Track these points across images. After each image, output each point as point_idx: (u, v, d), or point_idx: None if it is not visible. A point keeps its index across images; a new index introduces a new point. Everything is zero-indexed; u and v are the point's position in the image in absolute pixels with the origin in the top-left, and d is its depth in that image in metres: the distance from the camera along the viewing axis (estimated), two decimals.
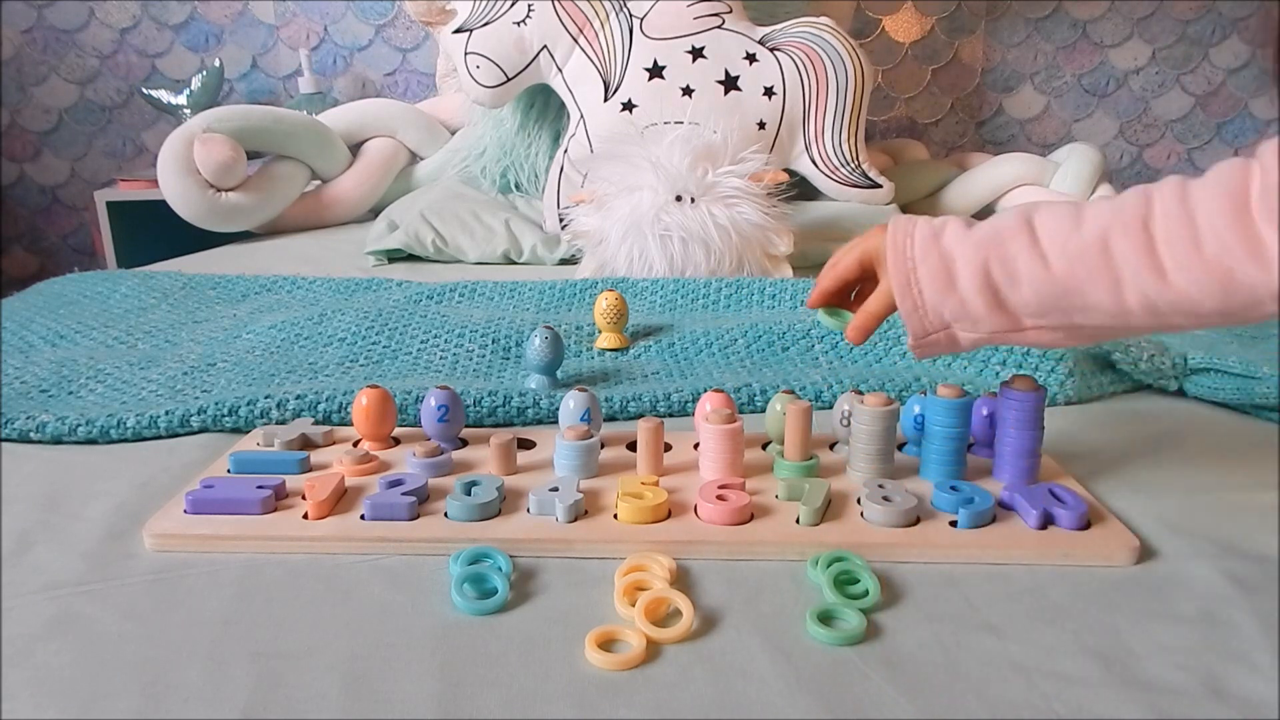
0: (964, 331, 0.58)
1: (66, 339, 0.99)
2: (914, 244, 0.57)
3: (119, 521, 0.60)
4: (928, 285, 0.56)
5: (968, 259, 0.55)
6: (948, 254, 0.56)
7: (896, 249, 0.58)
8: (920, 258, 0.57)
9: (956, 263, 0.55)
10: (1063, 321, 0.55)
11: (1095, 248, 0.52)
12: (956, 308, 0.56)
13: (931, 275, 0.56)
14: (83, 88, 2.19)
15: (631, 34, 1.48)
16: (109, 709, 0.42)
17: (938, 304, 0.57)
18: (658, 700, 0.42)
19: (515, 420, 0.78)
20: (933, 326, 0.58)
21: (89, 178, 2.24)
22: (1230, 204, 0.48)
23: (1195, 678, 0.44)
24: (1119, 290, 0.52)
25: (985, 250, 0.55)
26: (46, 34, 2.14)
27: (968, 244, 0.55)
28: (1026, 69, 2.20)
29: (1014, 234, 0.54)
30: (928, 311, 0.57)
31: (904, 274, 0.57)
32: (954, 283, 0.56)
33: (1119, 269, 0.51)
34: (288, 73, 2.19)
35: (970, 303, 0.56)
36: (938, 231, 0.57)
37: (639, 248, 1.17)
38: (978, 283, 0.55)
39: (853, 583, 0.51)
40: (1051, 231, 0.53)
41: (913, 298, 0.57)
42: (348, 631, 0.48)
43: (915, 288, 0.57)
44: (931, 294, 0.57)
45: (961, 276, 0.55)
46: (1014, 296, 0.55)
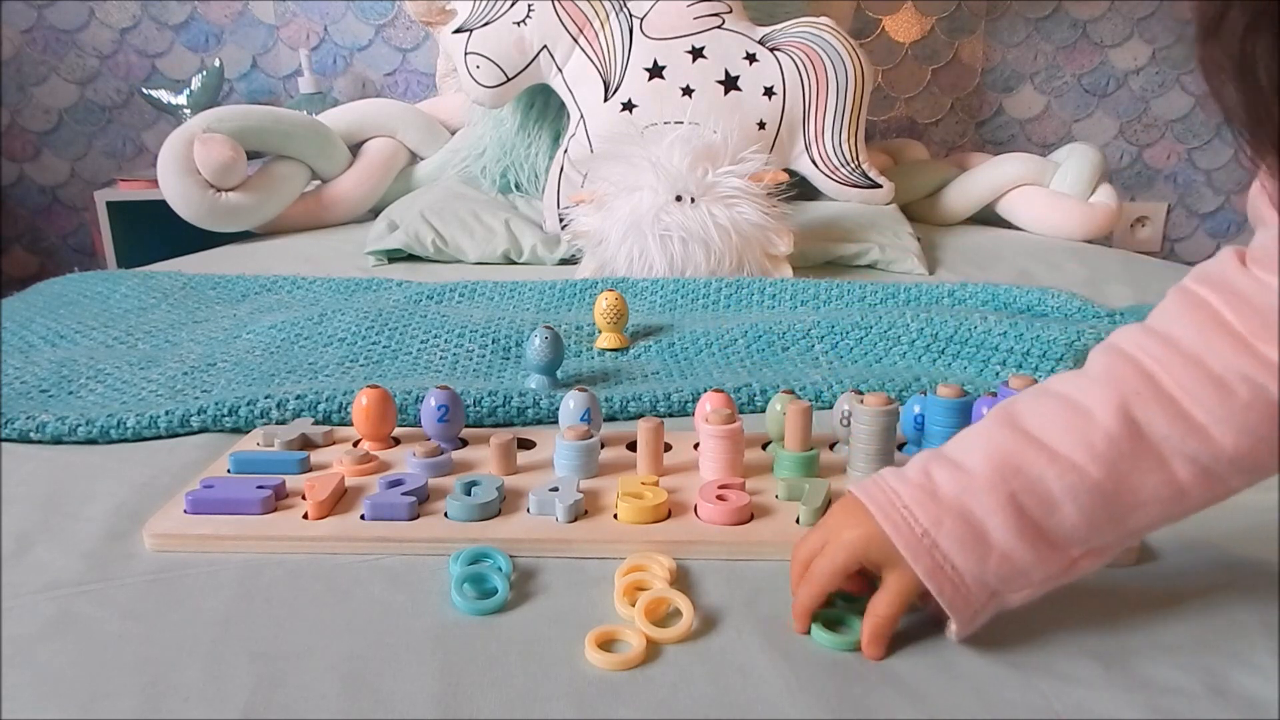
0: (1018, 591, 0.46)
1: (66, 339, 0.99)
2: (916, 517, 0.45)
3: (119, 521, 0.60)
4: (959, 555, 0.44)
5: (988, 507, 0.44)
6: (960, 509, 0.45)
7: (900, 529, 0.45)
8: (933, 526, 0.45)
9: (977, 515, 0.44)
10: (1116, 533, 0.46)
11: (1125, 432, 0.43)
12: (1000, 568, 0.44)
13: (959, 542, 0.44)
14: (83, 88, 2.18)
15: (631, 34, 1.48)
16: (109, 709, 0.42)
17: (979, 573, 0.44)
18: (658, 700, 0.42)
19: (515, 420, 0.78)
20: (979, 602, 0.45)
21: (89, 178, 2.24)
22: (1231, 342, 0.43)
23: (1195, 677, 0.44)
24: (1167, 470, 0.44)
25: (1004, 485, 0.44)
26: (46, 34, 2.14)
27: (977, 488, 0.45)
28: (1026, 69, 2.20)
29: (1024, 452, 0.44)
30: (970, 587, 0.45)
31: (927, 556, 0.45)
32: (986, 541, 0.44)
33: (1158, 446, 0.43)
34: (288, 73, 2.19)
35: (1015, 555, 0.44)
36: (929, 488, 0.46)
37: (639, 248, 1.17)
38: (1014, 528, 0.44)
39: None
40: (1061, 432, 0.44)
41: (949, 579, 0.45)
42: (348, 631, 0.48)
43: (946, 565, 0.44)
44: (967, 564, 0.44)
45: (992, 530, 0.44)
46: (1058, 525, 0.44)
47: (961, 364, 0.87)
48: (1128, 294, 1.18)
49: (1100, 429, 0.44)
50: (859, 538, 0.47)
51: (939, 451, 0.48)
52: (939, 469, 0.46)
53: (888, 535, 0.45)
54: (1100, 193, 1.61)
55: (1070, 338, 0.82)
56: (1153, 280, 1.26)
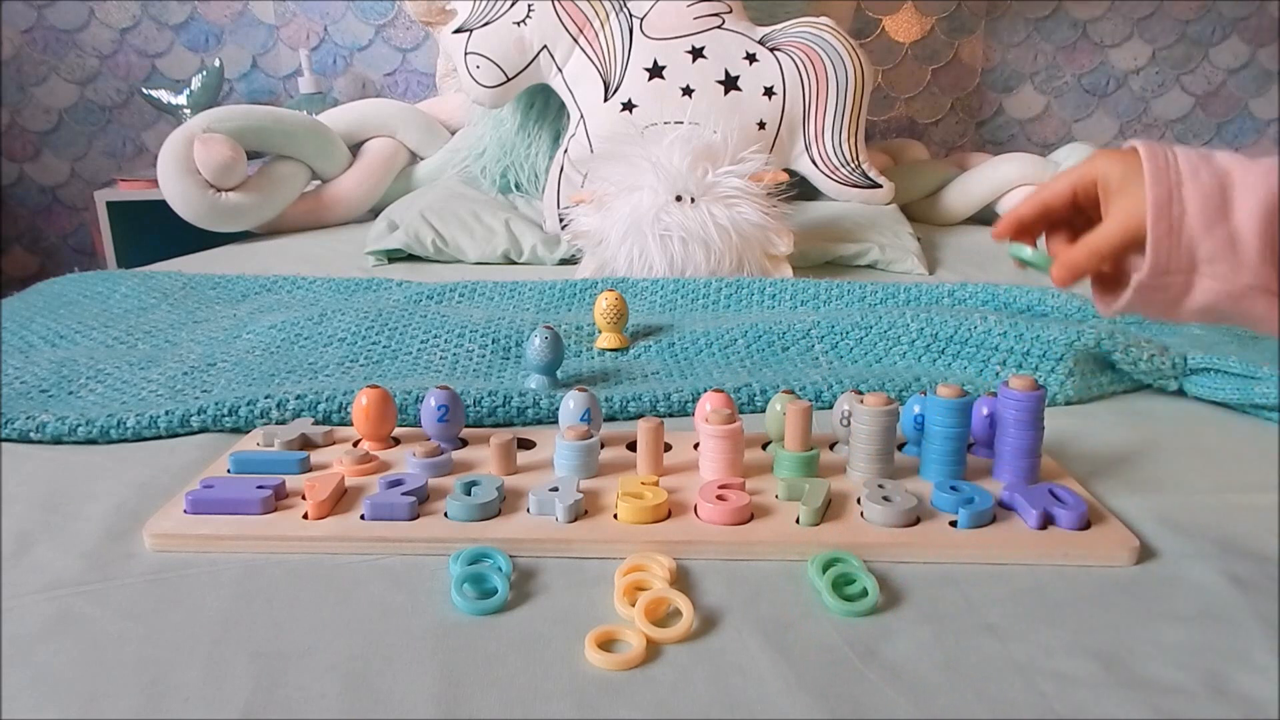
0: (1211, 280, 0.46)
1: (66, 339, 0.99)
2: (1178, 157, 0.46)
3: (119, 521, 0.60)
4: (1195, 208, 0.45)
5: (1250, 185, 0.45)
6: (1224, 174, 0.45)
7: (1155, 159, 0.46)
8: (1189, 174, 0.45)
9: (1235, 188, 0.45)
10: None
11: None
12: (1222, 244, 0.45)
13: (1203, 197, 0.45)
14: (83, 88, 2.19)
15: (631, 34, 1.48)
16: (109, 709, 0.42)
17: (1198, 235, 0.45)
18: (658, 700, 0.42)
19: (515, 420, 0.78)
20: (1178, 264, 0.46)
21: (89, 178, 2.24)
22: None
23: (1195, 677, 0.44)
24: None
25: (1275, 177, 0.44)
26: (46, 34, 2.14)
27: (1252, 168, 0.45)
28: (1026, 69, 2.20)
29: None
30: (1183, 240, 0.45)
31: (1165, 189, 0.45)
32: (1228, 210, 0.45)
33: None
34: (288, 73, 2.19)
35: (1243, 239, 0.44)
36: (1206, 154, 0.47)
37: (639, 248, 1.17)
38: (1260, 215, 0.44)
39: (850, 583, 0.51)
40: None
41: (1171, 218, 0.45)
42: (348, 631, 0.48)
43: (1179, 206, 0.45)
44: (1197, 219, 0.45)
45: (1240, 205, 0.44)
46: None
47: (961, 364, 0.87)
48: None
49: None
50: (1109, 162, 0.48)
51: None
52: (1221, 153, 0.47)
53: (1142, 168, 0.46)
54: None
55: (1070, 338, 0.82)
56: None
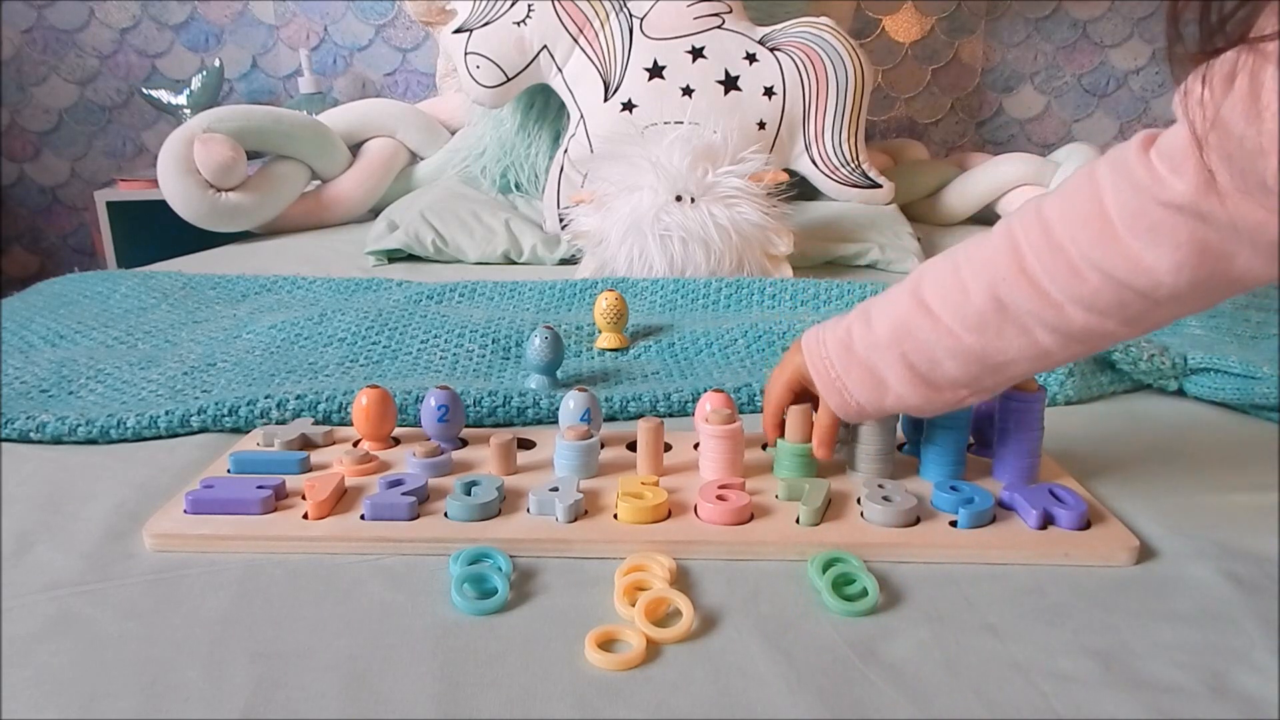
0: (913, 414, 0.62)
1: (66, 339, 0.99)
2: (834, 363, 0.59)
3: (119, 521, 0.60)
4: (863, 396, 0.58)
5: (886, 361, 0.57)
6: (866, 361, 0.58)
7: (820, 374, 0.60)
8: (844, 372, 0.59)
9: (879, 367, 0.57)
10: (994, 379, 0.56)
11: (991, 309, 0.53)
12: (896, 404, 0.58)
13: (863, 386, 0.58)
14: (83, 88, 2.19)
15: (631, 34, 1.48)
16: (109, 709, 0.42)
17: (878, 406, 0.59)
18: (658, 700, 0.42)
19: (515, 420, 0.78)
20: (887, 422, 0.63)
21: (89, 178, 2.24)
22: (1096, 232, 0.49)
23: (1195, 677, 0.44)
24: (1030, 336, 0.53)
25: (898, 345, 0.56)
26: (46, 34, 2.14)
27: (880, 345, 0.57)
28: (1026, 69, 2.20)
29: (917, 319, 0.55)
30: (870, 414, 0.60)
31: (838, 394, 0.59)
32: (884, 385, 0.57)
33: (1021, 319, 0.52)
34: (288, 73, 2.19)
35: (906, 396, 0.57)
36: (847, 342, 0.59)
37: (639, 248, 1.17)
38: (905, 376, 0.56)
39: (850, 583, 0.51)
40: (944, 304, 0.55)
41: (857, 410, 0.60)
42: (348, 631, 0.48)
43: (853, 402, 0.59)
44: (870, 401, 0.59)
45: (889, 378, 0.57)
46: (941, 376, 0.56)
47: None
48: None
49: (973, 305, 0.53)
50: (797, 366, 0.62)
51: (866, 306, 0.59)
52: (857, 326, 0.59)
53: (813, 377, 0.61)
54: None
55: None
56: None
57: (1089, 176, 0.51)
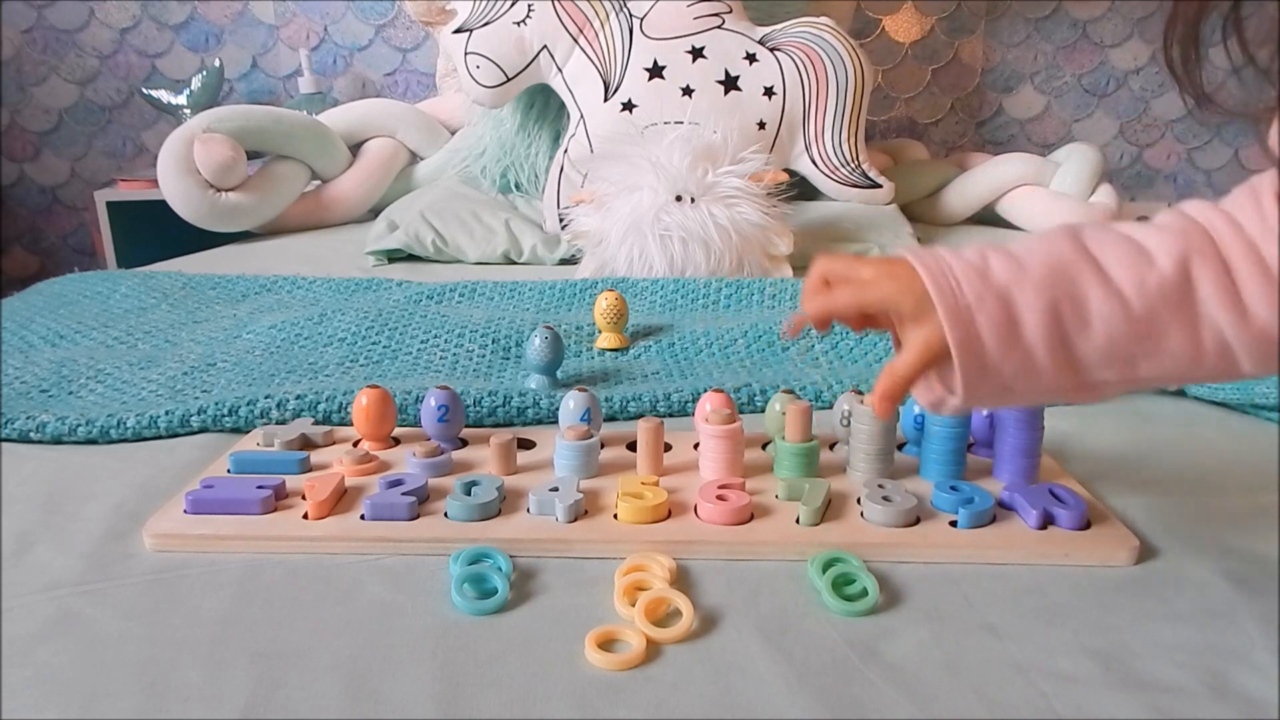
0: (1020, 395, 0.48)
1: (66, 339, 0.99)
2: (961, 285, 0.46)
3: (119, 521, 0.60)
4: (990, 337, 0.45)
5: (1031, 303, 0.45)
6: (1005, 296, 0.45)
7: (945, 294, 0.46)
8: (976, 305, 0.45)
9: (1017, 306, 0.45)
10: (1124, 374, 0.46)
11: (1178, 281, 0.44)
12: (1019, 363, 0.45)
13: (993, 325, 0.45)
14: (83, 88, 2.19)
15: (631, 34, 1.48)
16: (109, 709, 0.42)
17: (999, 359, 0.45)
18: (658, 700, 0.42)
19: (515, 420, 0.78)
20: (990, 389, 0.47)
21: (89, 178, 2.24)
22: None
23: (1196, 676, 0.44)
24: (1197, 330, 0.44)
25: (1051, 288, 0.45)
26: (46, 34, 2.14)
27: (1027, 281, 0.45)
28: (1026, 69, 2.20)
29: (1080, 267, 0.45)
30: (989, 369, 0.46)
31: (963, 328, 0.45)
32: (1018, 332, 0.45)
33: (1200, 308, 0.44)
34: (288, 73, 2.19)
35: (1036, 354, 0.45)
36: (981, 268, 0.46)
37: (639, 248, 1.17)
38: (1045, 330, 0.45)
39: (850, 583, 0.51)
40: (1125, 265, 0.45)
41: (975, 354, 0.45)
42: (348, 631, 0.48)
43: (977, 342, 0.45)
44: (994, 346, 0.45)
45: (1027, 324, 0.45)
46: (1084, 344, 0.45)
47: None
48: None
49: (1157, 271, 0.44)
50: (898, 289, 0.47)
51: (989, 246, 0.48)
52: (995, 256, 0.47)
53: (930, 296, 0.46)
54: (1100, 193, 1.61)
55: None
56: None
57: (1254, 197, 0.45)
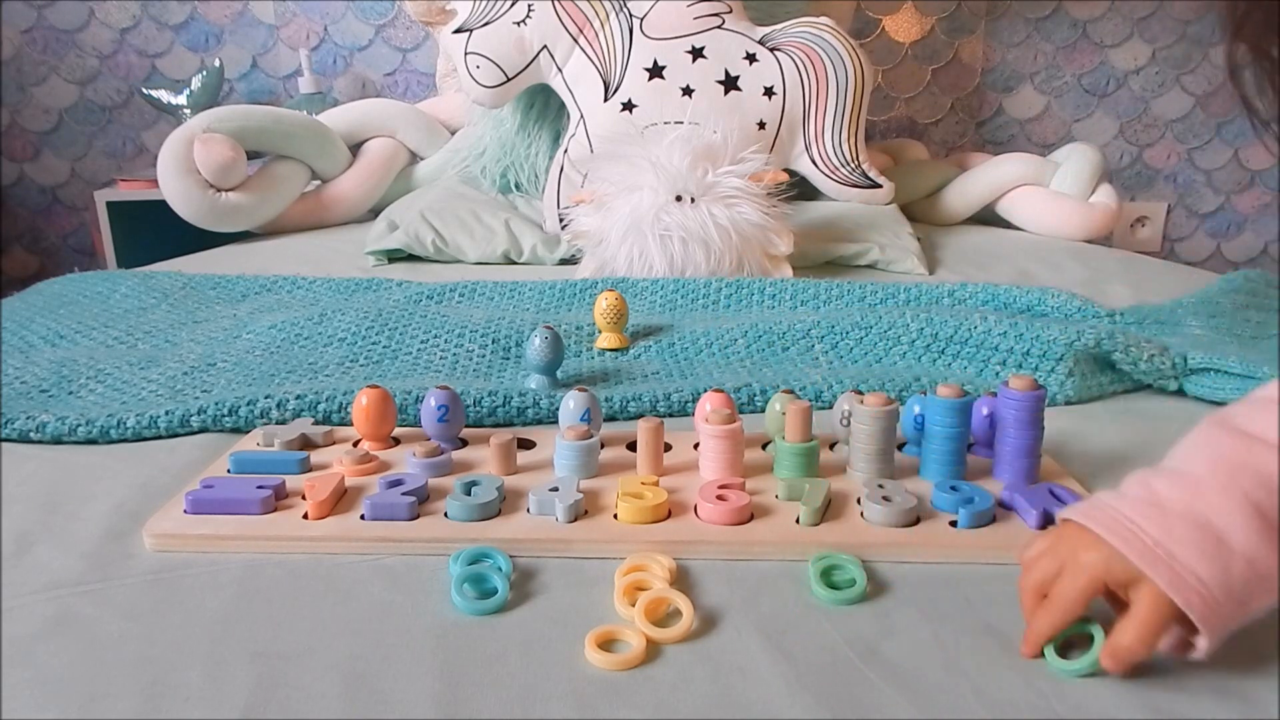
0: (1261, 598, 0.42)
1: (66, 339, 0.99)
2: (1140, 525, 0.43)
3: (119, 521, 0.60)
4: (1200, 563, 0.41)
5: (1223, 507, 0.42)
6: (1192, 514, 0.42)
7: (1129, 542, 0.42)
8: (1164, 536, 0.42)
9: (1212, 517, 0.42)
10: None
11: None
12: (1245, 572, 0.41)
13: (1197, 549, 0.41)
14: (83, 88, 2.18)
15: (631, 34, 1.48)
16: (109, 709, 0.42)
17: (1223, 579, 0.41)
18: (658, 700, 0.42)
19: (515, 420, 0.78)
20: (1229, 613, 0.42)
21: (89, 178, 2.24)
22: None
23: (1195, 676, 0.44)
24: None
25: (1235, 485, 0.42)
26: (46, 34, 2.14)
27: (1207, 490, 0.42)
28: (1026, 69, 2.20)
29: (1249, 450, 0.42)
30: (1217, 596, 0.41)
31: (1165, 568, 0.41)
32: (1227, 543, 0.41)
33: None
34: (288, 73, 2.19)
35: (1258, 556, 0.41)
36: (1153, 499, 0.43)
37: (639, 248, 1.17)
38: (1254, 525, 0.41)
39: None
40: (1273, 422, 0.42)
41: (1194, 590, 0.41)
42: (348, 631, 0.48)
43: (1188, 575, 0.41)
44: (1211, 572, 0.41)
45: (1231, 530, 0.41)
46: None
47: (961, 364, 0.87)
48: (1128, 294, 1.18)
49: None
50: (1099, 559, 0.44)
51: (1155, 468, 0.45)
52: (1158, 480, 0.44)
53: (1121, 552, 0.42)
54: (1100, 193, 1.61)
55: (1070, 338, 0.82)
56: (1153, 280, 1.25)
57: None
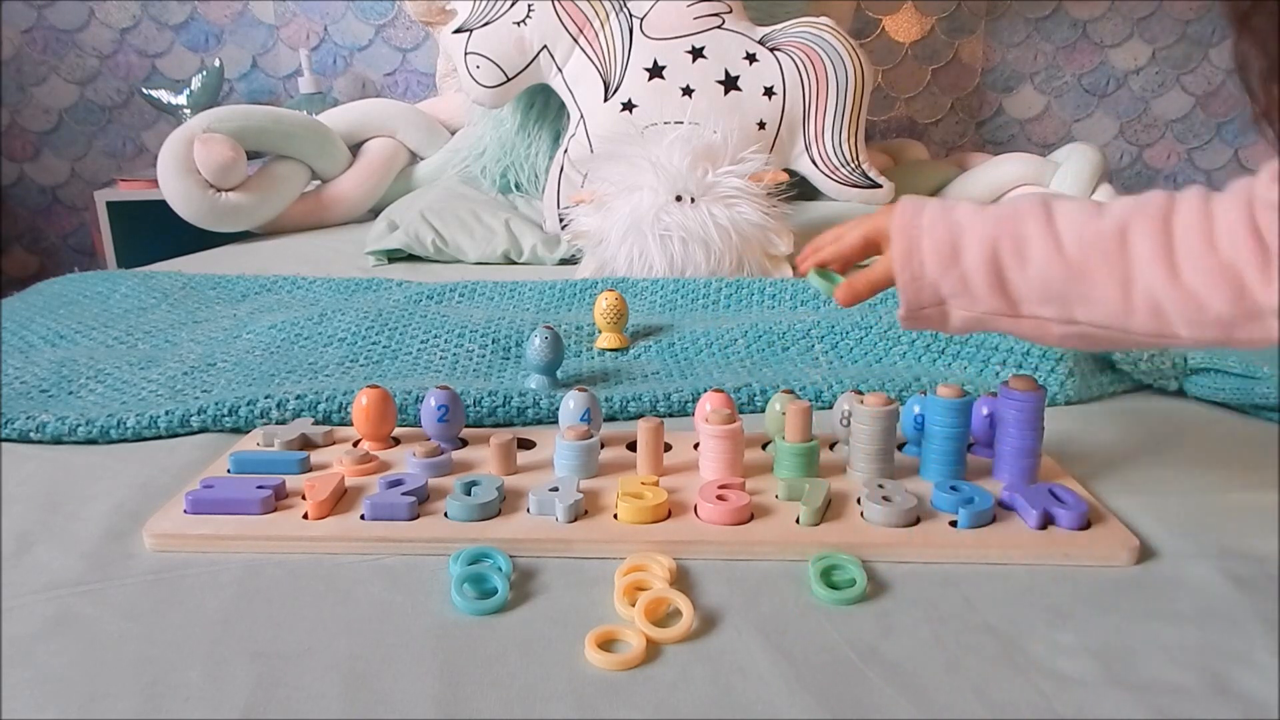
0: (958, 309, 0.56)
1: (66, 339, 0.99)
2: (923, 215, 0.56)
3: (119, 521, 0.60)
4: (930, 256, 0.55)
5: (977, 234, 0.54)
6: (956, 226, 0.55)
7: (903, 218, 0.57)
8: (927, 228, 0.55)
9: (964, 236, 0.54)
10: (1061, 313, 0.53)
11: (1113, 236, 0.51)
12: (956, 283, 0.55)
13: (936, 247, 0.55)
14: (83, 88, 2.19)
15: (631, 34, 1.48)
16: (109, 709, 0.42)
17: (937, 277, 0.55)
18: (658, 700, 0.42)
19: (515, 420, 0.78)
20: (928, 300, 0.56)
21: (89, 178, 2.24)
22: (1246, 213, 0.47)
23: (1195, 677, 0.44)
24: (1128, 286, 0.50)
25: (998, 226, 0.53)
26: (46, 34, 2.14)
27: (979, 219, 0.54)
28: (1026, 69, 2.20)
29: (1030, 214, 0.53)
30: (925, 284, 0.56)
31: (907, 241, 0.56)
32: (958, 257, 0.54)
33: (1132, 263, 0.50)
34: (288, 73, 2.19)
35: (972, 278, 0.54)
36: (949, 207, 0.56)
37: (639, 248, 1.17)
38: (983, 258, 0.54)
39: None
40: (1070, 216, 0.52)
41: (913, 268, 0.56)
42: (348, 631, 0.48)
43: (917, 258, 0.55)
44: (933, 265, 0.55)
45: (968, 251, 0.54)
46: (1018, 278, 0.53)
47: (961, 364, 0.87)
48: None
49: (1096, 226, 0.51)
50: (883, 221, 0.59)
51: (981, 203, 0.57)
52: (968, 203, 0.57)
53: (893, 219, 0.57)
54: (1100, 193, 1.61)
55: None
56: None
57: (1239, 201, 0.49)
